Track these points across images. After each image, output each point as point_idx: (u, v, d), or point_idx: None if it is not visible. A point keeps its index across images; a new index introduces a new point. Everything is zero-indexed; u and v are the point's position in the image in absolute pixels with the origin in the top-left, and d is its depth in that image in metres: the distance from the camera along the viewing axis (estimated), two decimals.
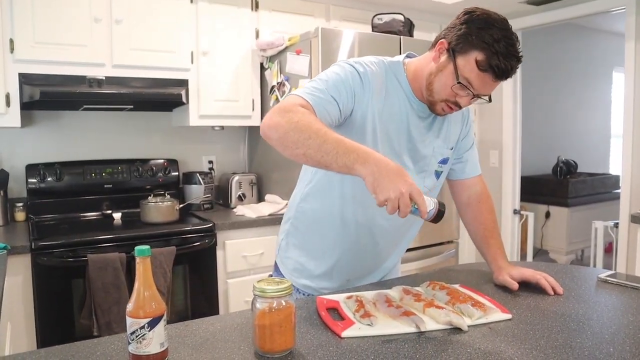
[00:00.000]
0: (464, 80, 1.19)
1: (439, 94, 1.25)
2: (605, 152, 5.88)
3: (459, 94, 1.22)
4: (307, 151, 1.07)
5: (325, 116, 1.18)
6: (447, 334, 1.04)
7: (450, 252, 3.16)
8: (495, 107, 3.85)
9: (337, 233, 1.39)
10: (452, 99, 1.24)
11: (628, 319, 1.11)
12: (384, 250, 1.45)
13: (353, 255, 1.41)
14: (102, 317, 2.13)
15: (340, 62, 1.30)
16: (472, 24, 1.18)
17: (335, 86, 1.22)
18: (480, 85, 1.19)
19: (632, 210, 2.96)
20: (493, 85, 1.20)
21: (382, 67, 1.31)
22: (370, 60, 1.31)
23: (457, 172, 1.50)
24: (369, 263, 1.46)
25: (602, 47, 5.57)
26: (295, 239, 1.47)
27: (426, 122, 1.36)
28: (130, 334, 0.89)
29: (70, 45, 2.40)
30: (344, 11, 3.20)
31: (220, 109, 2.86)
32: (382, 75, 1.30)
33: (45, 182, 2.61)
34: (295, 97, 1.18)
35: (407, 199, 1.01)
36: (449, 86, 1.22)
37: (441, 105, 1.27)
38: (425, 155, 1.36)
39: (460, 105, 1.25)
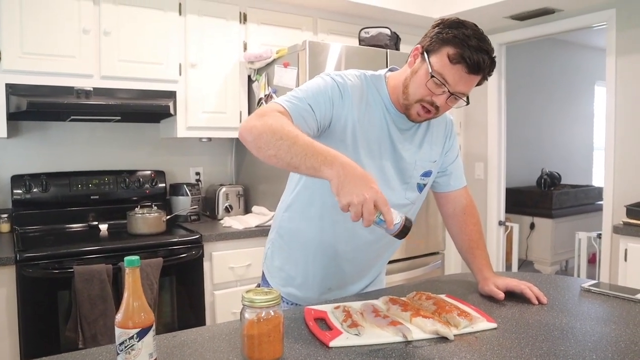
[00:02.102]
0: (438, 76, 1.20)
1: (414, 95, 1.25)
2: (588, 164, 5.98)
3: (434, 92, 1.22)
4: (278, 152, 1.08)
5: (302, 123, 1.20)
6: (434, 343, 1.05)
7: (437, 263, 3.18)
8: (480, 120, 3.91)
9: (318, 242, 1.40)
10: (427, 98, 1.24)
11: (610, 327, 1.14)
12: (366, 260, 1.46)
13: (334, 265, 1.42)
14: (88, 330, 2.10)
15: (321, 74, 1.32)
16: (443, 26, 1.22)
17: (314, 96, 1.24)
18: (454, 79, 1.19)
19: (615, 222, 3.01)
20: (468, 80, 1.20)
21: (362, 79, 1.33)
22: (351, 73, 1.33)
23: (442, 184, 1.51)
24: (350, 273, 1.46)
25: (584, 62, 5.69)
26: (280, 248, 1.49)
27: (407, 134, 1.37)
28: (119, 344, 0.89)
29: (58, 56, 2.40)
30: (331, 25, 3.24)
31: (207, 121, 2.87)
32: (362, 88, 1.31)
33: (30, 193, 2.59)
34: (274, 104, 1.21)
35: (371, 206, 0.99)
36: (423, 84, 1.22)
37: (416, 109, 1.26)
38: (408, 167, 1.37)
39: (436, 106, 1.24)
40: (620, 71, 3.09)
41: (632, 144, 3.06)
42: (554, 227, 4.70)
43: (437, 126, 1.44)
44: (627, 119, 3.07)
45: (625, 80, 3.07)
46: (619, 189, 3.12)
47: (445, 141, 1.46)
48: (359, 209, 0.98)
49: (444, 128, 1.46)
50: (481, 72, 1.20)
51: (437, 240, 3.18)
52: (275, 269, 1.49)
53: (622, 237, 2.71)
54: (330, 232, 1.38)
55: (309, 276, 1.44)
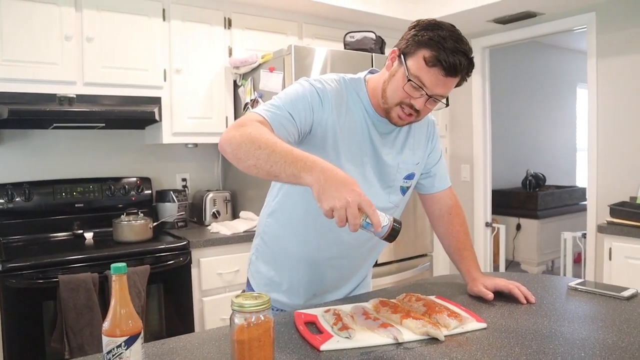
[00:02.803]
0: (415, 79, 1.19)
1: (392, 98, 1.24)
2: (572, 165, 6.06)
3: (412, 95, 1.21)
4: (257, 162, 1.06)
5: (282, 131, 1.18)
6: (425, 344, 1.05)
7: (425, 265, 3.19)
8: (465, 122, 3.94)
9: (302, 249, 1.39)
10: (406, 101, 1.22)
11: (597, 324, 1.15)
12: (351, 265, 1.46)
13: (319, 270, 1.41)
14: (74, 340, 2.07)
15: (300, 80, 1.31)
16: (419, 27, 1.22)
17: (293, 103, 1.23)
18: (432, 82, 1.18)
19: (599, 221, 3.05)
20: (445, 83, 1.19)
21: (342, 84, 1.32)
22: (330, 78, 1.32)
23: (426, 186, 1.51)
24: (335, 278, 1.46)
25: (566, 64, 5.78)
26: (264, 254, 1.48)
27: (389, 137, 1.36)
28: (107, 353, 0.87)
29: (40, 63, 2.37)
30: (316, 29, 3.25)
31: (193, 127, 2.85)
32: (342, 92, 1.30)
33: (13, 202, 2.54)
34: (253, 114, 1.19)
35: (355, 209, 0.96)
36: (400, 87, 1.22)
37: (396, 112, 1.25)
38: (390, 171, 1.37)
39: (416, 109, 1.23)
40: (601, 73, 3.14)
41: (614, 145, 3.10)
42: (539, 228, 4.75)
43: (418, 128, 1.43)
44: (609, 120, 3.12)
45: (606, 82, 3.12)
46: (602, 189, 3.17)
47: (427, 143, 1.46)
48: (342, 213, 0.96)
49: (426, 129, 1.46)
50: (458, 74, 1.19)
51: (425, 243, 3.19)
52: (260, 275, 1.48)
53: (607, 236, 2.74)
54: (314, 238, 1.37)
55: (294, 282, 1.43)
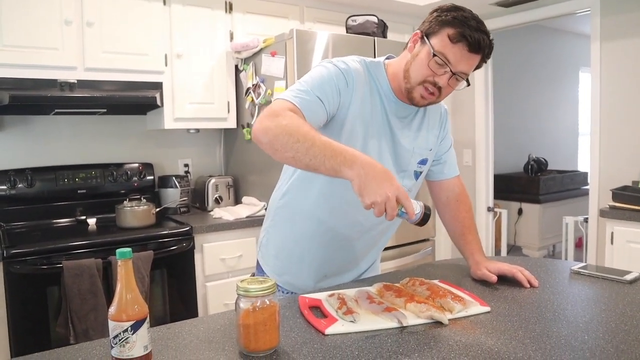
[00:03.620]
0: (440, 55, 1.21)
1: (415, 77, 1.25)
2: (574, 149, 6.04)
3: (436, 72, 1.23)
4: (296, 154, 1.08)
5: (312, 117, 1.19)
6: (429, 328, 1.06)
7: (427, 250, 3.21)
8: (468, 107, 3.92)
9: (314, 230, 1.40)
10: (429, 79, 1.24)
11: (600, 307, 1.15)
12: (362, 248, 1.47)
13: (331, 252, 1.43)
14: (79, 325, 2.09)
15: (324, 62, 1.31)
16: (441, 10, 1.25)
17: (321, 86, 1.24)
18: (456, 58, 1.20)
19: (601, 205, 3.05)
20: (469, 59, 1.22)
21: (363, 65, 1.33)
22: (352, 59, 1.33)
23: (436, 173, 1.52)
24: (346, 260, 1.47)
25: (569, 48, 5.73)
26: (275, 236, 1.48)
27: (405, 121, 1.37)
28: (113, 337, 0.88)
29: (41, 48, 2.35)
30: (318, 13, 3.22)
31: (195, 112, 2.84)
32: (363, 74, 1.31)
33: (15, 188, 2.55)
34: (283, 102, 1.19)
35: (394, 203, 1.02)
36: (425, 65, 1.23)
37: (419, 91, 1.26)
38: (405, 154, 1.38)
39: (439, 87, 1.24)
40: (605, 57, 3.11)
41: (617, 129, 3.09)
42: (541, 212, 4.75)
43: (432, 114, 1.44)
44: (612, 105, 3.10)
45: (609, 66, 3.10)
46: (604, 173, 3.16)
47: (440, 130, 1.47)
48: (382, 207, 1.02)
49: (439, 117, 1.47)
50: (481, 51, 1.22)
51: (427, 227, 3.20)
52: (271, 257, 1.49)
53: (609, 220, 2.74)
54: (328, 219, 1.38)
55: (305, 264, 1.44)
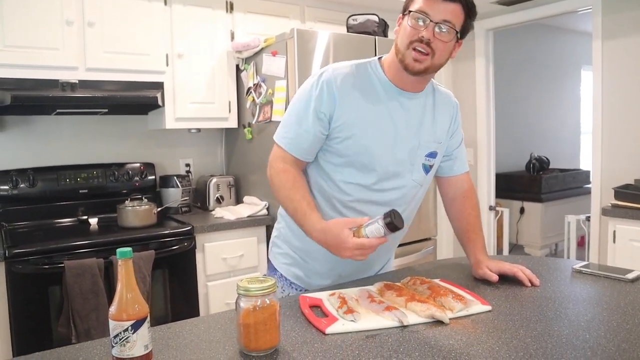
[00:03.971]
0: (417, 11, 1.23)
1: (402, 43, 1.27)
2: (576, 148, 6.03)
3: (418, 28, 1.23)
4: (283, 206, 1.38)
5: (305, 152, 1.35)
6: (430, 327, 1.05)
7: (429, 249, 3.20)
8: (469, 106, 3.91)
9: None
10: (414, 38, 1.24)
11: (602, 306, 1.15)
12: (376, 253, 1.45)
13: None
14: (80, 324, 2.09)
15: (308, 81, 1.36)
16: None
17: (305, 115, 1.32)
18: (431, 7, 1.22)
19: (603, 204, 3.04)
20: (446, 6, 1.22)
21: (354, 69, 1.35)
22: (341, 65, 1.36)
23: (445, 169, 1.52)
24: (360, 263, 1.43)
25: (571, 46, 5.71)
26: (287, 237, 1.49)
27: (409, 114, 1.37)
28: (114, 337, 0.88)
29: (42, 48, 2.35)
30: (318, 12, 3.21)
31: (196, 112, 2.84)
32: (354, 77, 1.34)
33: (18, 188, 2.55)
34: (276, 149, 1.37)
35: (359, 256, 1.17)
36: (407, 28, 1.25)
37: (410, 55, 1.26)
38: (411, 148, 1.37)
39: (429, 44, 1.24)
40: (607, 55, 3.10)
41: (619, 127, 3.08)
42: (543, 211, 4.74)
43: (442, 106, 1.44)
44: (614, 103, 3.09)
45: (611, 64, 3.09)
46: (606, 171, 3.15)
47: (450, 123, 1.47)
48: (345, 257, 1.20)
49: (450, 110, 1.47)
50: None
51: (429, 226, 3.19)
52: (285, 256, 1.50)
53: (611, 219, 2.74)
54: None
55: (319, 264, 1.44)
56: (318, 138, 1.33)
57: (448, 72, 3.95)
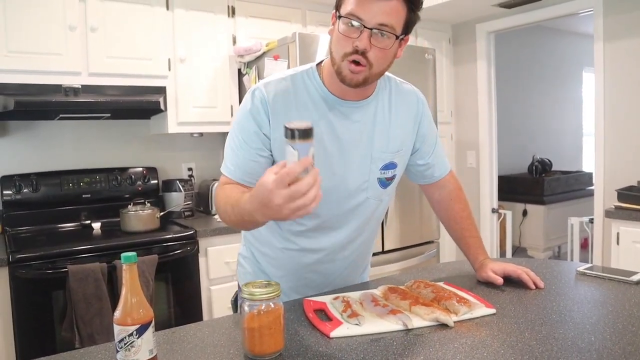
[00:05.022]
0: (349, 16, 1.09)
1: (337, 53, 1.13)
2: (578, 150, 6.02)
3: (352, 35, 1.09)
4: (230, 222, 1.13)
5: (248, 178, 1.19)
6: (434, 330, 1.05)
7: (432, 252, 3.20)
8: (471, 108, 3.92)
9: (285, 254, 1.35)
10: (349, 48, 1.10)
11: (607, 309, 1.15)
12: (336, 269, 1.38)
13: (304, 276, 1.37)
14: (84, 329, 2.09)
15: (242, 103, 1.25)
16: None
17: (244, 139, 1.20)
18: (365, 11, 1.07)
19: (606, 206, 3.03)
20: (380, 6, 1.07)
21: (288, 81, 1.23)
22: (273, 79, 1.23)
23: (427, 177, 1.45)
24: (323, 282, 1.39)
25: (572, 48, 5.72)
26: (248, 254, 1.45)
27: (357, 125, 1.25)
28: (119, 342, 0.88)
29: (45, 54, 2.36)
30: (320, 16, 3.22)
31: (198, 116, 2.85)
32: (288, 91, 1.21)
33: (21, 193, 2.56)
34: (221, 178, 1.24)
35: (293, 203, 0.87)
36: (340, 35, 1.11)
37: (346, 67, 1.12)
38: (362, 162, 1.27)
39: (363, 53, 1.10)
40: (608, 57, 3.10)
41: (621, 129, 3.08)
42: (546, 213, 4.73)
43: (401, 108, 1.32)
44: (616, 104, 3.09)
45: (613, 66, 3.09)
46: (609, 173, 3.15)
47: (416, 125, 1.35)
48: (292, 211, 0.88)
49: (412, 110, 1.34)
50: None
51: (431, 229, 3.19)
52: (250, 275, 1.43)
53: (614, 221, 2.73)
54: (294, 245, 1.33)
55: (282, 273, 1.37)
56: (260, 160, 1.20)
57: (450, 75, 3.95)
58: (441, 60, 3.81)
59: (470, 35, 3.87)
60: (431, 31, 3.75)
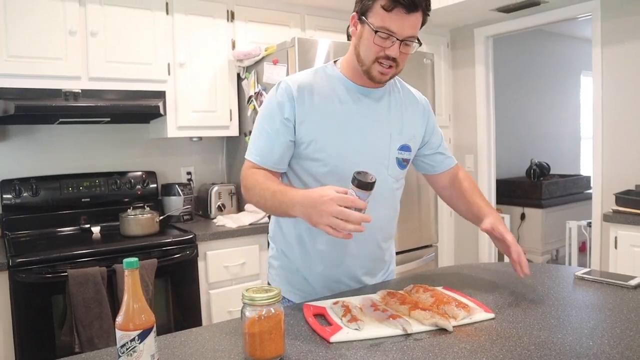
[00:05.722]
0: (382, 30, 1.22)
1: (367, 58, 1.28)
2: (576, 153, 6.04)
3: (384, 45, 1.24)
4: (265, 209, 1.30)
5: (275, 163, 1.33)
6: (433, 335, 1.06)
7: (430, 256, 3.20)
8: (469, 112, 3.93)
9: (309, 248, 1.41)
10: (380, 54, 1.26)
11: (605, 313, 1.16)
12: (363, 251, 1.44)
13: (335, 256, 1.42)
14: (83, 333, 2.09)
15: (267, 96, 1.39)
16: None
17: (270, 126, 1.33)
18: (398, 26, 1.21)
19: (604, 210, 3.04)
20: (410, 21, 1.22)
21: (310, 74, 1.38)
22: (298, 73, 1.40)
23: (436, 164, 1.54)
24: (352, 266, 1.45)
25: (570, 52, 5.74)
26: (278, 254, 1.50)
27: (376, 108, 1.38)
28: (121, 347, 0.89)
29: (45, 58, 2.37)
30: (318, 21, 3.24)
31: (198, 120, 2.86)
32: (312, 82, 1.35)
33: (20, 197, 2.56)
34: (246, 163, 1.37)
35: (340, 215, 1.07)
36: (371, 43, 1.25)
37: (376, 69, 1.28)
38: (382, 144, 1.38)
39: (394, 59, 1.26)
40: (606, 61, 3.12)
41: (619, 133, 3.09)
42: (544, 217, 4.74)
43: (410, 105, 1.45)
44: (614, 108, 3.11)
45: (611, 70, 3.11)
46: (607, 177, 3.16)
47: (423, 119, 1.48)
48: (335, 225, 1.08)
49: (419, 108, 1.48)
50: (419, 8, 1.22)
51: (429, 233, 3.20)
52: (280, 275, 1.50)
53: (612, 225, 2.74)
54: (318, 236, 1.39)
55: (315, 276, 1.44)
56: (286, 145, 1.33)
57: (448, 79, 3.97)
58: (439, 64, 3.83)
59: (469, 39, 3.89)
60: (430, 35, 3.77)
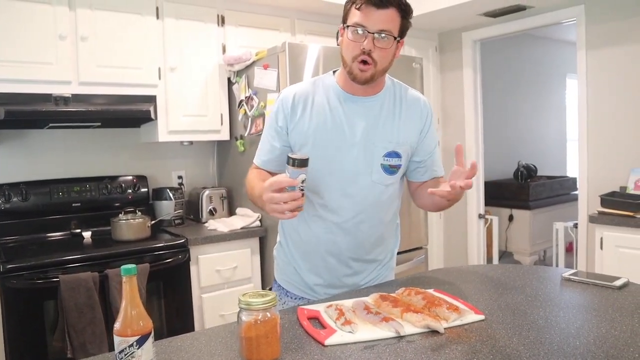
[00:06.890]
0: (354, 24, 1.32)
1: (347, 56, 1.37)
2: (562, 155, 6.12)
3: (358, 40, 1.33)
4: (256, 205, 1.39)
5: (275, 167, 1.49)
6: (425, 336, 1.08)
7: (420, 258, 3.23)
8: (457, 115, 3.98)
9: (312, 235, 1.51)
10: (357, 50, 1.34)
11: (591, 313, 1.19)
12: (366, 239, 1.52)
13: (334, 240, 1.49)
14: (76, 339, 2.09)
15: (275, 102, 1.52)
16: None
17: (270, 133, 1.50)
18: (367, 19, 1.31)
19: (590, 211, 3.10)
20: (381, 16, 1.31)
21: (308, 83, 1.50)
22: (297, 84, 1.53)
23: (419, 174, 1.54)
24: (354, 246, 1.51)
25: (555, 55, 5.82)
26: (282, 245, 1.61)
27: (364, 116, 1.44)
28: (119, 352, 0.90)
29: (35, 63, 2.37)
30: (308, 25, 3.26)
31: (189, 124, 2.86)
32: (308, 90, 1.48)
33: (10, 202, 2.55)
34: (251, 168, 1.56)
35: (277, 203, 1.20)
36: (348, 41, 1.35)
37: (356, 67, 1.36)
38: (367, 149, 1.43)
39: (369, 54, 1.33)
40: (591, 64, 3.18)
41: (604, 135, 3.15)
42: (531, 218, 4.80)
43: (409, 109, 1.49)
44: (598, 110, 3.17)
45: (595, 73, 3.17)
46: (593, 179, 3.22)
47: (420, 123, 1.50)
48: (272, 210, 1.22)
49: (418, 113, 1.50)
50: (389, 4, 1.31)
51: (419, 236, 3.23)
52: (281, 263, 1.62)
53: (598, 226, 2.80)
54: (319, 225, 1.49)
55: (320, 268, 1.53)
56: (276, 151, 1.48)
57: (436, 82, 4.01)
58: (428, 68, 3.87)
59: (457, 43, 3.94)
60: (418, 39, 3.81)
